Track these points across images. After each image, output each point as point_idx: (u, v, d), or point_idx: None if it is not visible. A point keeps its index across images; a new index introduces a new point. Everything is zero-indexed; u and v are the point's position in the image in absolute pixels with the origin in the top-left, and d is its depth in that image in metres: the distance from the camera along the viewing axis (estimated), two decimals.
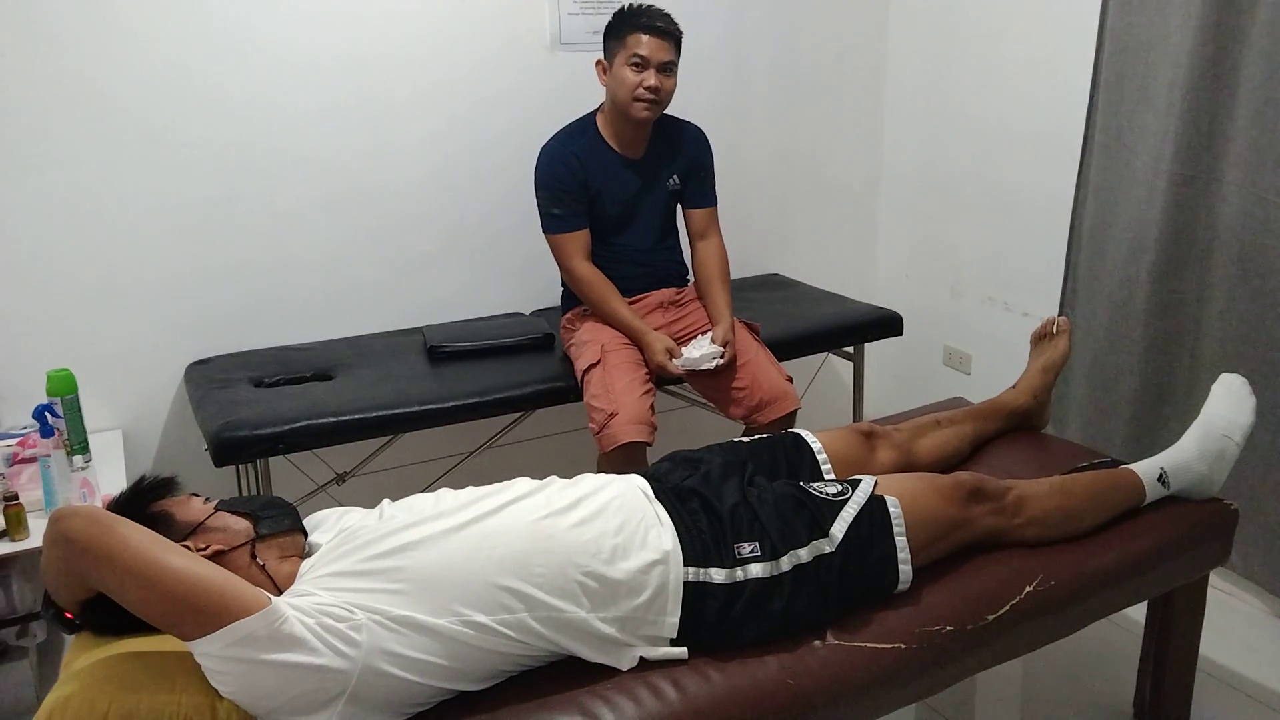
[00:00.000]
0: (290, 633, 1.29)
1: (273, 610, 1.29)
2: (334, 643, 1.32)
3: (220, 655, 1.28)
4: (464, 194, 2.94)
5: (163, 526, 1.46)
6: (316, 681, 1.31)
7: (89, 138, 2.46)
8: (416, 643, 1.37)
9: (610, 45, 2.49)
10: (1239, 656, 2.35)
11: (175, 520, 1.48)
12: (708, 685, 1.48)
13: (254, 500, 1.60)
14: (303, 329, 2.81)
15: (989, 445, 2.21)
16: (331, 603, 1.36)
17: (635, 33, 2.43)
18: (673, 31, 2.47)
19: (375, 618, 1.36)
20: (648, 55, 2.42)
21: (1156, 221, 2.58)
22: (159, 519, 1.47)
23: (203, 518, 1.50)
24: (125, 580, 1.29)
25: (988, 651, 1.69)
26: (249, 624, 1.27)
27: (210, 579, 1.30)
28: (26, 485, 2.14)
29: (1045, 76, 2.97)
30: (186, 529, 1.47)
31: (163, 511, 1.49)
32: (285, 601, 1.34)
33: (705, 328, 2.60)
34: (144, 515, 1.47)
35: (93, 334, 2.55)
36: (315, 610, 1.34)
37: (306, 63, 2.65)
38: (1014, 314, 3.22)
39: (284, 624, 1.29)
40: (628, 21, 2.45)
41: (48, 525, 1.34)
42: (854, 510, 1.66)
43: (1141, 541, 1.87)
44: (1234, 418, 1.94)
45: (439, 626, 1.38)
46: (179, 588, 1.27)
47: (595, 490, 1.63)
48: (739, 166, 3.27)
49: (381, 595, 1.39)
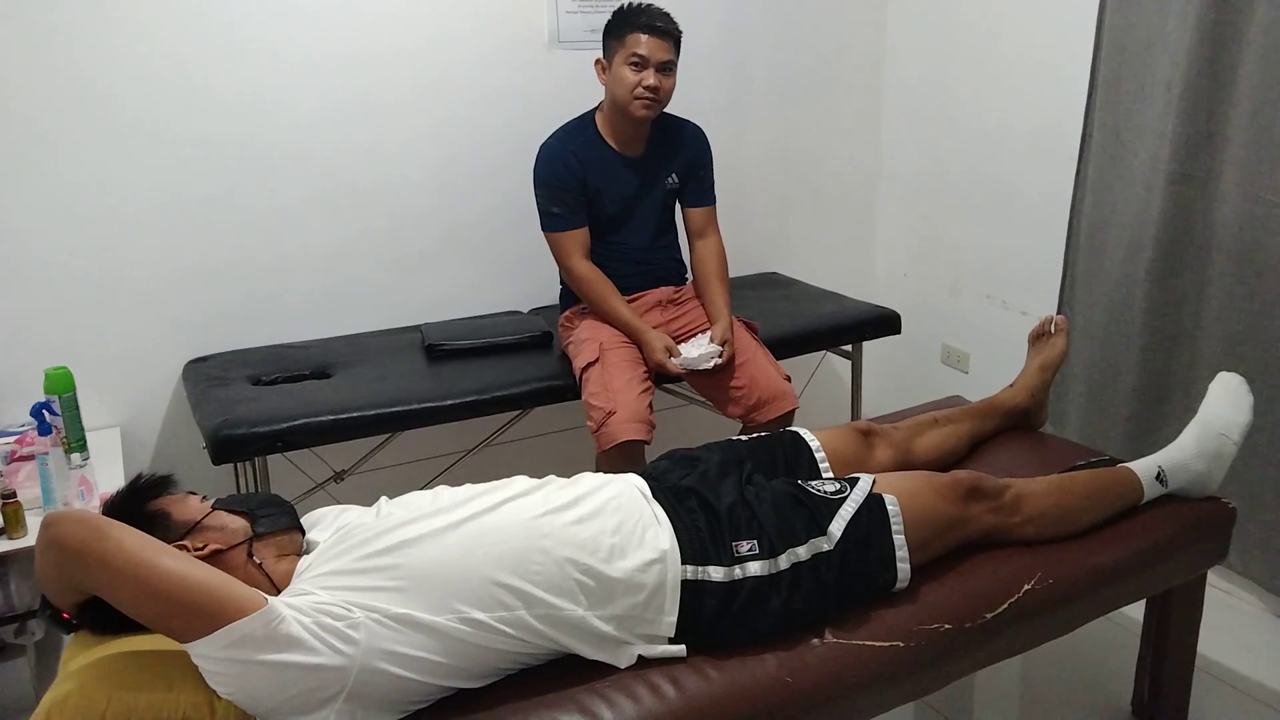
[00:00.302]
0: (287, 633, 1.29)
1: (269, 611, 1.29)
2: (331, 641, 1.31)
3: (217, 656, 1.28)
4: (462, 192, 2.94)
5: (160, 525, 1.45)
6: (315, 680, 1.30)
7: (87, 136, 2.45)
8: (414, 640, 1.37)
9: (609, 44, 2.48)
10: (1237, 655, 2.36)
11: (172, 519, 1.48)
12: (706, 683, 1.48)
13: (251, 498, 1.59)
14: (301, 327, 2.81)
15: (987, 444, 2.21)
16: (329, 601, 1.36)
17: (635, 32, 2.42)
18: (672, 31, 2.46)
19: (373, 616, 1.35)
20: (647, 55, 2.42)
21: (1154, 220, 2.59)
22: (156, 518, 1.47)
23: (200, 516, 1.50)
24: (119, 584, 1.28)
25: (986, 650, 1.70)
26: (245, 625, 1.27)
27: (205, 580, 1.29)
28: (24, 483, 2.14)
29: (1044, 75, 2.97)
30: (184, 528, 1.47)
31: (160, 510, 1.49)
32: (282, 601, 1.34)
33: (704, 326, 2.60)
34: (141, 514, 1.47)
35: (91, 332, 2.55)
36: (312, 609, 1.33)
37: (304, 61, 2.65)
38: (1012, 312, 3.22)
39: (281, 624, 1.29)
40: (627, 21, 2.45)
41: (40, 530, 1.33)
42: (852, 508, 1.66)
43: (1139, 540, 1.87)
44: (1232, 416, 1.94)
45: (437, 624, 1.38)
46: (174, 590, 1.27)
47: (593, 489, 1.63)
48: (737, 165, 3.27)
49: (379, 593, 1.38)
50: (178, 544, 1.44)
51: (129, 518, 1.45)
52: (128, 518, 1.45)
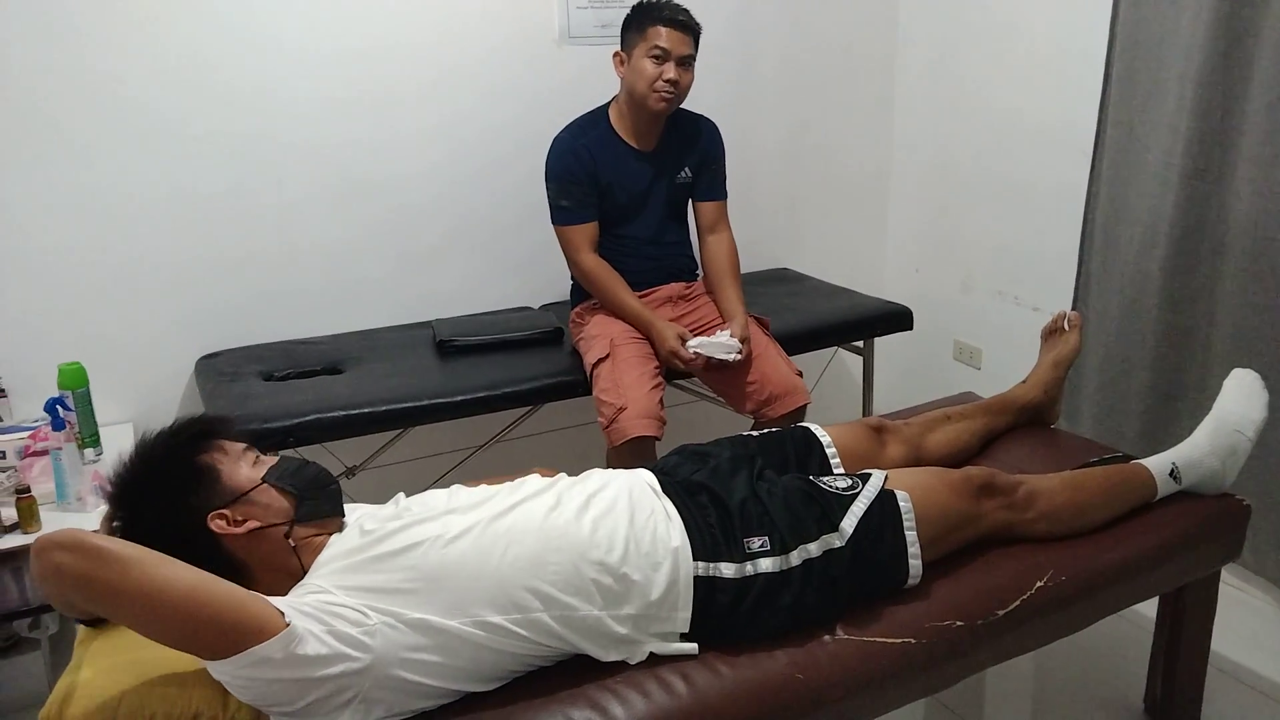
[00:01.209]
0: (305, 654, 1.27)
1: (288, 634, 1.26)
2: (348, 651, 1.30)
3: (237, 674, 1.27)
4: (473, 187, 2.94)
5: (207, 484, 1.44)
6: (333, 687, 1.30)
7: (98, 132, 2.46)
8: (430, 645, 1.37)
9: (629, 37, 2.48)
10: (1251, 653, 2.34)
11: (221, 483, 1.46)
12: (717, 679, 1.48)
13: (301, 474, 1.54)
14: (312, 322, 2.82)
15: (999, 440, 2.20)
16: (345, 604, 1.35)
17: (656, 25, 2.43)
18: (693, 26, 2.47)
19: (388, 620, 1.35)
20: (669, 48, 2.42)
21: (1168, 216, 2.57)
22: (204, 474, 1.45)
23: (249, 488, 1.47)
24: (129, 613, 1.24)
25: (998, 646, 1.69)
26: (265, 649, 1.24)
27: (221, 602, 1.25)
28: (38, 478, 2.15)
29: (1057, 69, 2.95)
30: (229, 495, 1.45)
31: (211, 466, 1.47)
32: (297, 607, 1.31)
33: (716, 322, 2.60)
34: (191, 466, 1.45)
35: (104, 328, 2.56)
36: (328, 614, 1.32)
37: (314, 56, 2.65)
38: (1024, 308, 3.21)
39: (299, 645, 1.27)
40: (649, 14, 2.45)
41: (31, 559, 1.26)
42: (864, 505, 1.65)
43: (1153, 537, 1.86)
44: (1246, 413, 1.93)
45: (452, 628, 1.38)
46: (188, 617, 1.23)
47: (604, 486, 1.63)
48: (747, 159, 3.26)
49: (396, 596, 1.38)
50: (216, 513, 1.42)
51: (180, 464, 1.44)
52: (178, 464, 1.44)
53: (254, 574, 1.45)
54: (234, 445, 1.53)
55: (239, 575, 1.41)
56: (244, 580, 1.39)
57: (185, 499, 1.43)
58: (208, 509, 1.43)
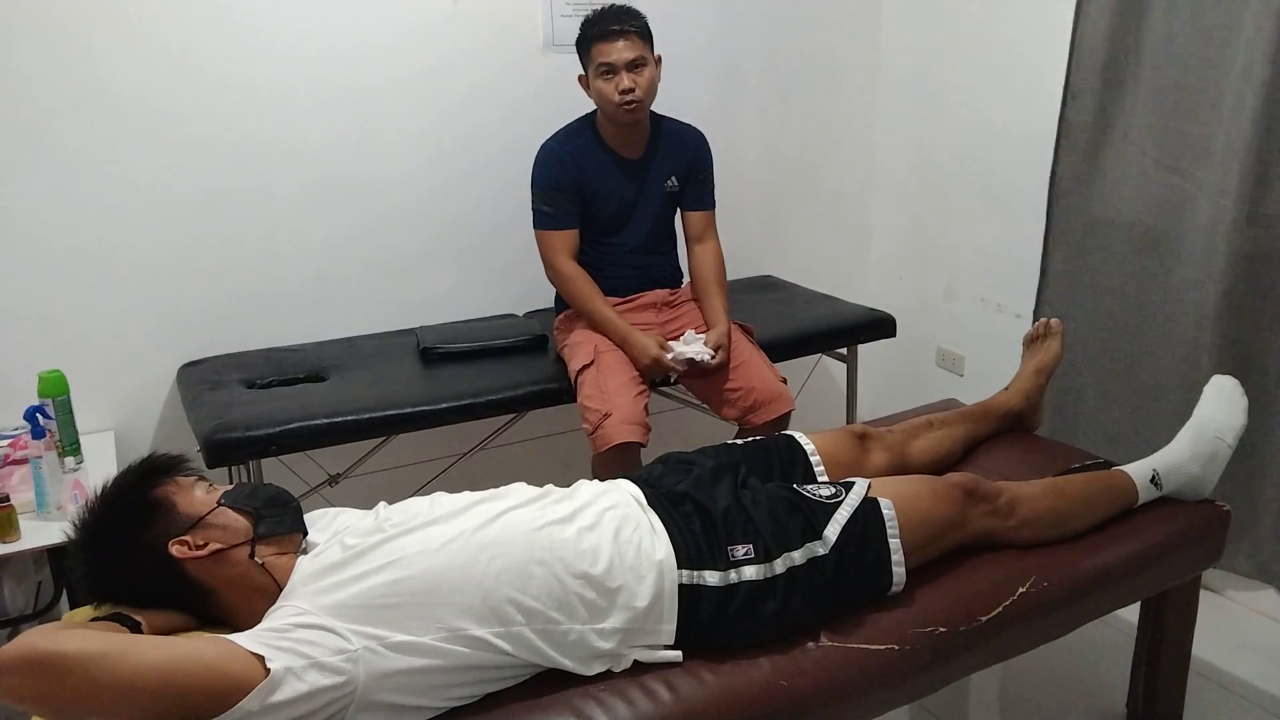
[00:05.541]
0: (284, 699, 1.27)
1: (266, 686, 1.25)
2: (328, 683, 1.30)
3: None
4: (457, 195, 2.94)
5: (162, 516, 1.46)
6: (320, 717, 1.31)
7: (80, 140, 2.44)
8: (412, 668, 1.36)
9: (582, 60, 2.52)
10: (1232, 657, 2.36)
11: (177, 512, 1.47)
12: (701, 687, 1.48)
13: (258, 495, 1.56)
14: (295, 330, 2.80)
15: (982, 447, 2.21)
16: (325, 625, 1.34)
17: (594, 43, 2.45)
18: (629, 27, 2.45)
19: (369, 645, 1.34)
20: (613, 61, 2.43)
21: (1147, 221, 2.59)
22: (159, 507, 1.47)
23: (205, 512, 1.49)
24: (106, 711, 1.21)
25: (981, 653, 1.70)
26: (246, 704, 1.24)
27: (195, 672, 1.23)
28: (18, 487, 2.13)
29: (1038, 77, 2.97)
30: (187, 522, 1.47)
31: (165, 499, 1.48)
32: (275, 643, 1.30)
33: (698, 327, 2.60)
34: (145, 500, 1.47)
35: (85, 335, 2.54)
36: (307, 643, 1.31)
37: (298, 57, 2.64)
38: (1007, 315, 3.23)
39: (277, 692, 1.26)
40: (586, 34, 2.48)
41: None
42: (847, 512, 1.66)
43: (1134, 542, 1.87)
44: (1226, 419, 1.95)
45: (435, 647, 1.37)
46: (164, 698, 1.22)
47: (591, 500, 1.63)
48: (731, 168, 3.26)
49: (379, 613, 1.37)
50: (178, 540, 1.44)
51: (133, 502, 1.46)
52: (131, 502, 1.46)
53: (226, 597, 1.46)
54: (185, 479, 1.55)
55: (211, 601, 1.44)
56: (218, 605, 1.41)
57: (143, 534, 1.45)
58: (167, 539, 1.44)
